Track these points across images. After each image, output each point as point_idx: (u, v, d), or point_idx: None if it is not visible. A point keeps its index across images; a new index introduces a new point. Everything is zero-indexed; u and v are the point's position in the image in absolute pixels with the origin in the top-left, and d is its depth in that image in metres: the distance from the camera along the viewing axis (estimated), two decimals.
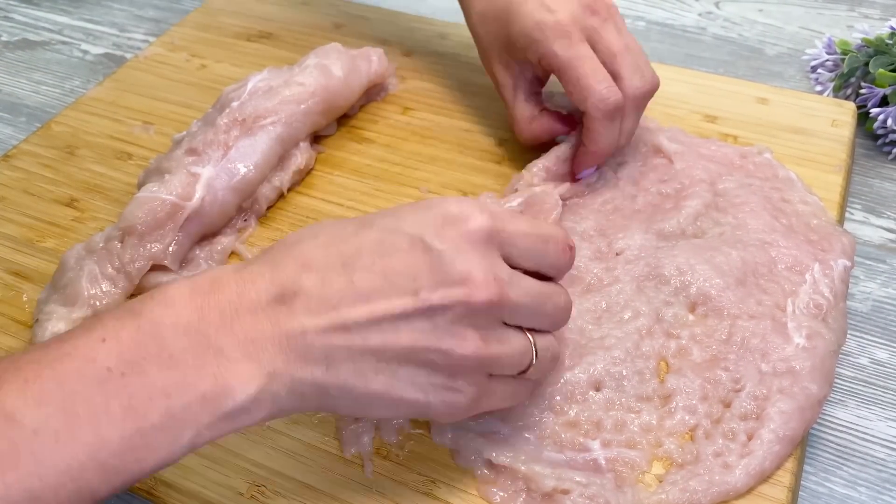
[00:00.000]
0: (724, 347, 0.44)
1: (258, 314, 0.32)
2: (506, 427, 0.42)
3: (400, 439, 0.43)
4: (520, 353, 0.35)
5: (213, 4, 0.77)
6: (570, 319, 0.38)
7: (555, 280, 0.37)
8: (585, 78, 0.49)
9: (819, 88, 0.69)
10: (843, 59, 0.67)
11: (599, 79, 0.49)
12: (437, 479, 0.41)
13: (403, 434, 0.43)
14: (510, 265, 0.35)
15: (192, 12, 0.77)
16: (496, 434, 0.41)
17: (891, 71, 0.63)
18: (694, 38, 0.78)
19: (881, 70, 0.63)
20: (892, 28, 0.66)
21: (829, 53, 0.70)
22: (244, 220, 0.55)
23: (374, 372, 0.33)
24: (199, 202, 0.51)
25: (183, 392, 0.30)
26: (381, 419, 0.42)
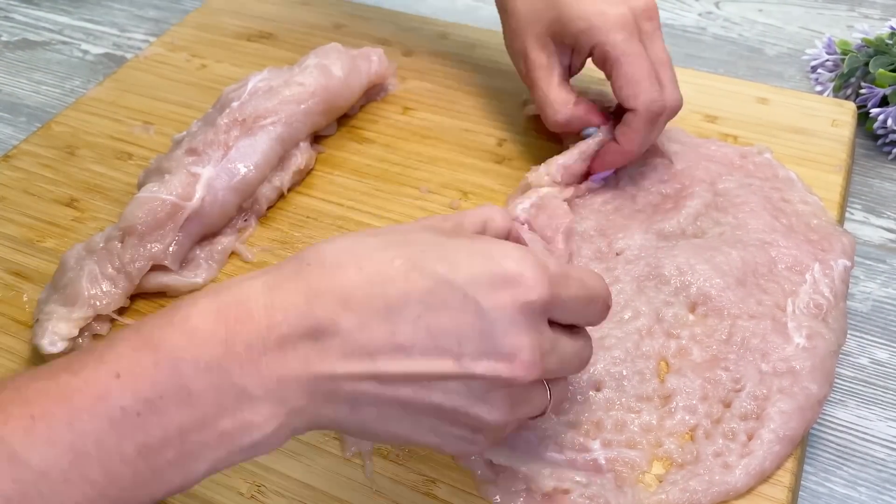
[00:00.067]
0: (725, 347, 0.44)
1: (287, 350, 0.30)
2: None
3: None
4: (540, 408, 0.35)
5: (213, 4, 0.77)
6: None
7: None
8: (641, 75, 0.49)
9: (819, 88, 0.69)
10: (843, 59, 0.67)
11: (652, 80, 0.50)
12: (437, 479, 0.41)
13: None
14: (550, 319, 0.34)
15: (192, 12, 0.77)
16: None
17: (891, 71, 0.63)
18: (694, 38, 0.78)
19: (881, 70, 0.63)
20: (892, 28, 0.66)
21: (829, 53, 0.70)
22: (244, 220, 0.55)
23: (398, 419, 0.32)
24: (199, 202, 0.51)
25: (201, 431, 0.30)
26: None
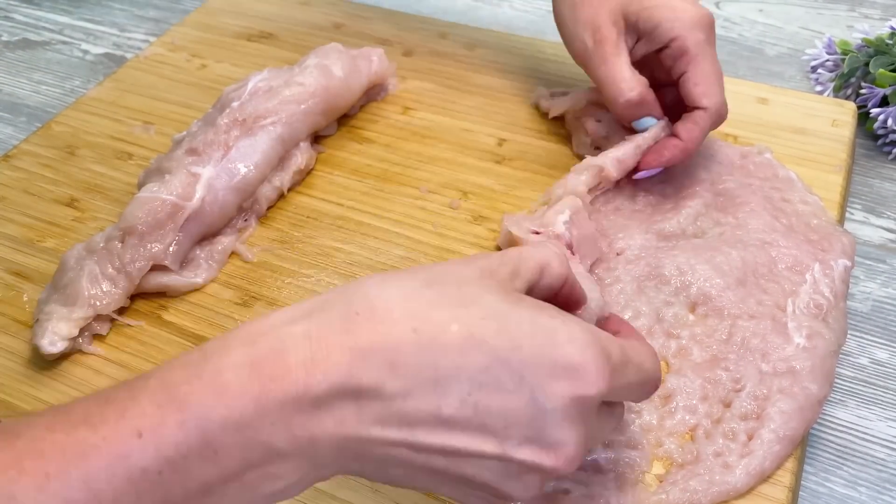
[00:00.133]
0: (725, 347, 0.44)
1: (322, 410, 0.29)
2: None
3: None
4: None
5: (214, 4, 0.77)
6: None
7: None
8: (714, 77, 0.50)
9: (819, 88, 0.69)
10: (843, 59, 0.67)
11: (722, 83, 0.51)
12: None
13: None
14: None
15: (192, 12, 0.77)
16: None
17: (891, 71, 0.63)
18: None
19: (881, 70, 0.63)
20: (892, 28, 0.66)
21: (829, 53, 0.70)
22: (244, 220, 0.55)
23: (424, 480, 0.31)
24: (199, 202, 0.51)
25: (224, 486, 0.29)
26: None
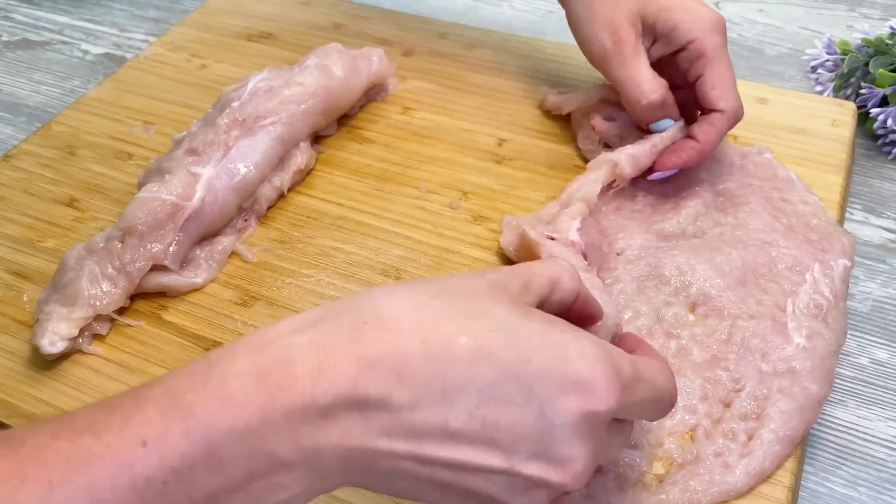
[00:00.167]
0: (724, 347, 0.44)
1: (328, 421, 0.29)
2: None
3: None
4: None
5: (213, 4, 0.77)
6: None
7: None
8: (730, 79, 0.51)
9: (819, 88, 0.69)
10: (843, 59, 0.67)
11: (736, 87, 0.51)
12: None
13: None
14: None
15: (192, 12, 0.77)
16: None
17: (891, 71, 0.63)
18: None
19: (881, 70, 0.63)
20: (892, 28, 0.66)
21: (829, 53, 0.70)
22: (244, 220, 0.55)
23: (430, 493, 0.31)
24: (199, 202, 0.51)
25: (229, 496, 0.28)
26: None
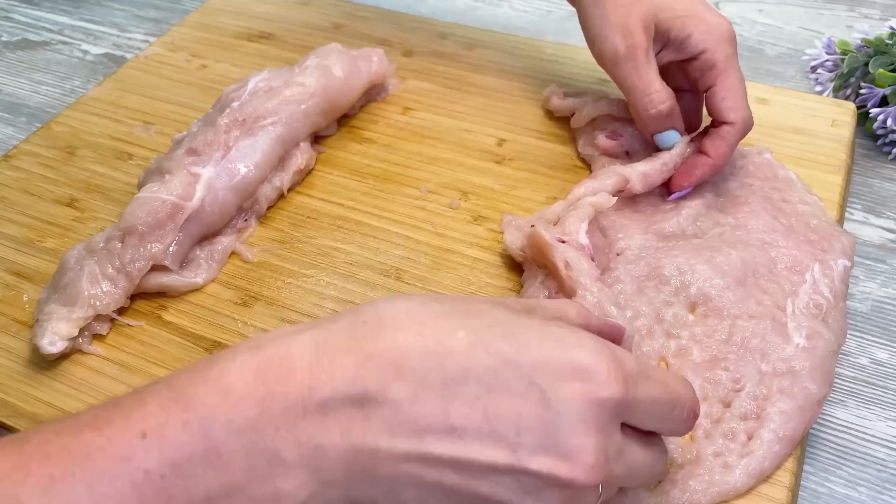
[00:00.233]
0: (724, 347, 0.44)
1: (328, 416, 0.29)
2: None
3: None
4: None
5: (213, 4, 0.77)
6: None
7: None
8: (742, 91, 0.51)
9: (819, 88, 0.69)
10: (842, 60, 0.67)
11: (747, 97, 0.51)
12: None
13: None
14: (626, 423, 0.31)
15: (192, 12, 0.77)
16: None
17: (891, 71, 0.63)
18: None
19: (881, 70, 0.63)
20: (891, 28, 0.66)
21: (828, 53, 0.70)
22: (244, 220, 0.55)
23: (437, 503, 0.30)
24: (199, 202, 0.51)
25: (229, 497, 0.28)
26: None
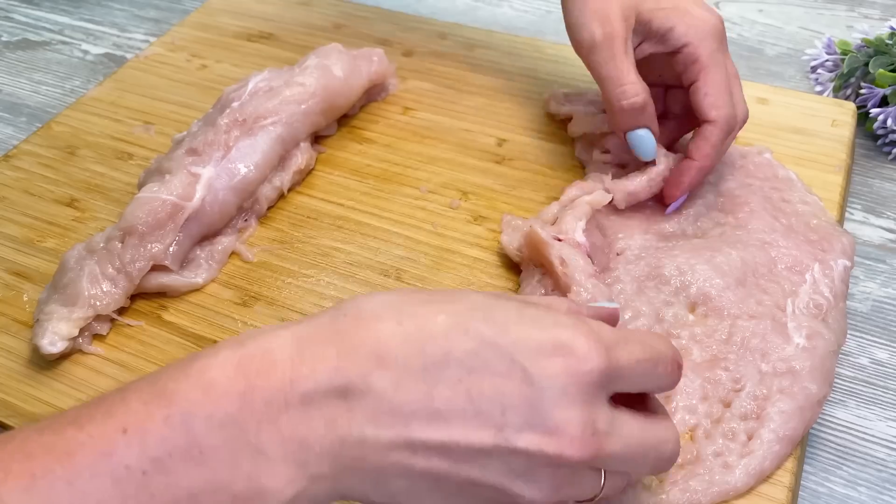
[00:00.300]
0: (724, 347, 0.44)
1: (311, 409, 0.28)
2: None
3: None
4: (589, 493, 0.32)
5: (214, 4, 0.77)
6: None
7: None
8: (724, 87, 0.49)
9: (819, 88, 0.69)
10: (842, 60, 0.67)
11: (731, 94, 0.49)
12: None
13: None
14: (616, 397, 0.31)
15: (192, 12, 0.77)
16: None
17: (891, 71, 0.63)
18: None
19: (881, 70, 0.63)
20: (892, 28, 0.66)
21: (828, 54, 0.70)
22: (245, 220, 0.55)
23: (428, 494, 0.30)
24: (199, 202, 0.51)
25: (211, 493, 0.28)
26: None
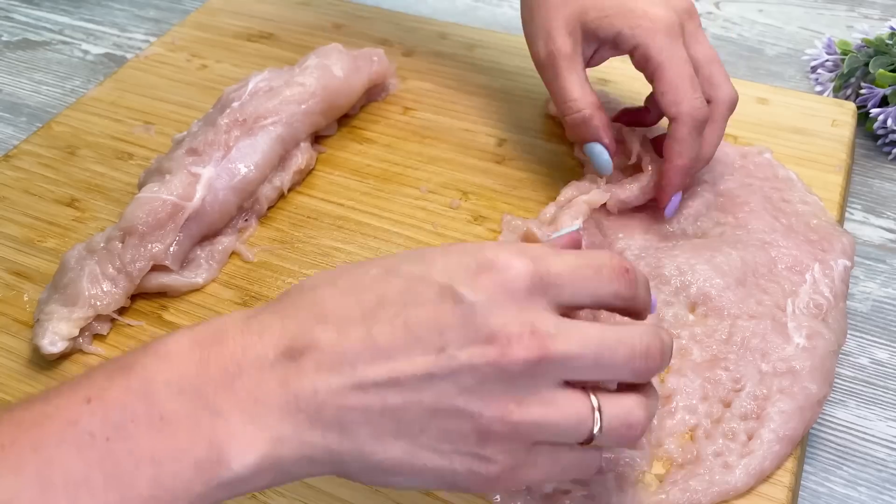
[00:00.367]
0: (725, 347, 0.44)
1: (264, 371, 0.29)
2: None
3: None
4: (573, 417, 0.30)
5: (214, 4, 0.77)
6: None
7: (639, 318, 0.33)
8: (684, 82, 0.47)
9: (819, 88, 0.69)
10: (843, 60, 0.67)
11: (695, 86, 0.48)
12: None
13: None
14: (566, 311, 0.31)
15: (192, 12, 0.77)
16: None
17: (891, 71, 0.63)
18: None
19: (881, 70, 0.63)
20: (892, 28, 0.66)
21: (828, 54, 0.70)
22: (245, 220, 0.55)
23: (394, 436, 0.29)
24: (199, 202, 0.51)
25: (174, 459, 0.28)
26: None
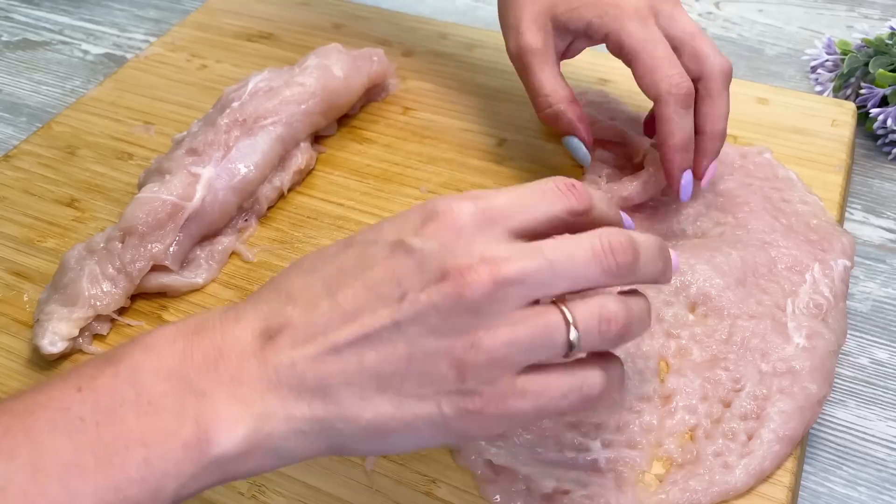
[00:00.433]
0: (724, 347, 0.44)
1: (244, 353, 0.30)
2: None
3: None
4: (542, 328, 0.29)
5: (214, 4, 0.77)
6: None
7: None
8: (660, 62, 0.47)
9: (819, 88, 0.69)
10: (842, 60, 0.67)
11: (673, 64, 0.47)
12: (437, 479, 0.41)
13: None
14: (529, 238, 0.31)
15: (192, 12, 0.77)
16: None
17: (891, 71, 0.63)
18: None
19: (881, 70, 0.63)
20: (892, 28, 0.66)
21: (828, 54, 0.70)
22: (245, 220, 0.55)
23: (377, 392, 0.30)
24: (199, 202, 0.51)
25: (162, 440, 0.29)
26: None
